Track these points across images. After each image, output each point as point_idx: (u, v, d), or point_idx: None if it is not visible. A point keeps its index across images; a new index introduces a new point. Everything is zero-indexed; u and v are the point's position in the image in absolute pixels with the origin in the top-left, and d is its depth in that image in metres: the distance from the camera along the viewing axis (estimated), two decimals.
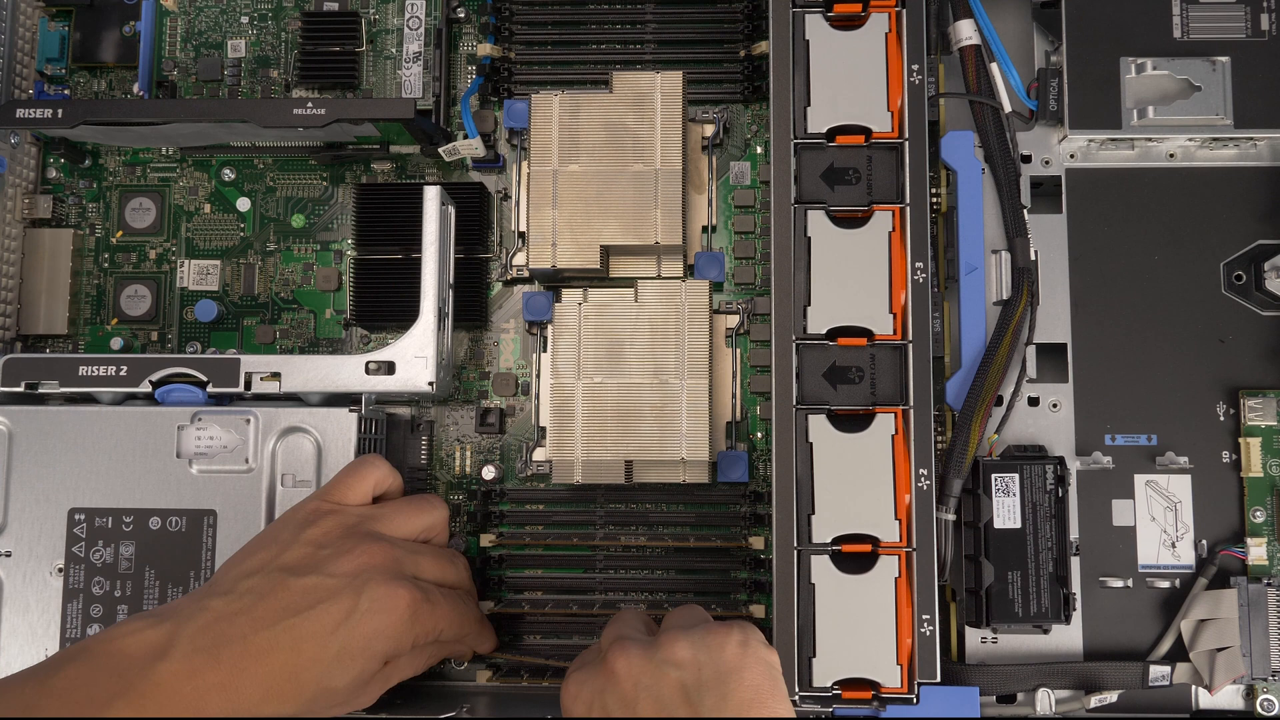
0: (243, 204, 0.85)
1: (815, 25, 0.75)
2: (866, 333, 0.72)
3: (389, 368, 0.75)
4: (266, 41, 0.86)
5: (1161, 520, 0.74)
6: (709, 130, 0.81)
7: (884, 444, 0.71)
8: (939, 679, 0.69)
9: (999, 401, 0.74)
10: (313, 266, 0.84)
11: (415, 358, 0.75)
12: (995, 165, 0.76)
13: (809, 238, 0.73)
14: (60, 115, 0.78)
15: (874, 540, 0.70)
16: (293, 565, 0.64)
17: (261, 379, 0.75)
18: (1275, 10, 0.75)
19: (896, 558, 0.70)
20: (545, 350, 0.79)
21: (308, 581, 0.63)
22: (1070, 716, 0.73)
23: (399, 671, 0.68)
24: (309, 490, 0.73)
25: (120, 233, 0.85)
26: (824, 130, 0.74)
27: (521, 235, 0.80)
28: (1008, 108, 0.76)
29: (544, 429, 0.79)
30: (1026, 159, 0.77)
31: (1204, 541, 0.74)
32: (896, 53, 0.74)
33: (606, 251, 0.78)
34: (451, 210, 0.78)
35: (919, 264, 0.72)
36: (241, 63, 0.86)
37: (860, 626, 0.69)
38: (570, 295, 0.79)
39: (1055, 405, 0.75)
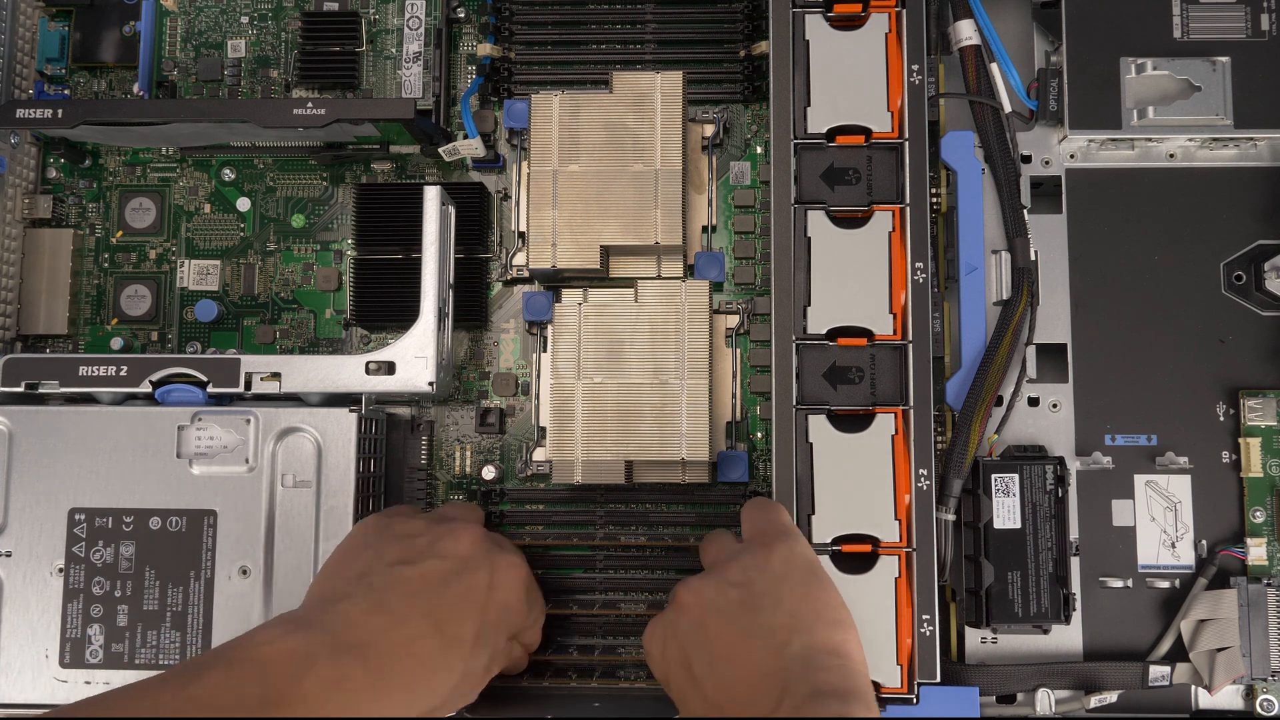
0: (243, 204, 0.85)
1: (815, 25, 0.75)
2: (866, 333, 0.72)
3: (389, 368, 0.75)
4: (266, 41, 0.86)
5: (1161, 520, 0.74)
6: (709, 130, 0.81)
7: (884, 444, 0.71)
8: (939, 679, 0.69)
9: (999, 401, 0.74)
10: (313, 266, 0.84)
11: (415, 358, 0.75)
12: (995, 165, 0.76)
13: (809, 238, 0.73)
14: (60, 115, 0.77)
15: (874, 540, 0.70)
16: (400, 558, 0.64)
17: (261, 379, 0.75)
18: (1275, 10, 0.75)
19: (896, 558, 0.70)
20: (545, 350, 0.79)
21: (426, 567, 0.63)
22: (1070, 716, 0.73)
23: (491, 669, 0.67)
24: (309, 490, 0.73)
25: (120, 233, 0.85)
26: (824, 130, 0.74)
27: (521, 235, 0.80)
28: (1008, 108, 0.76)
29: (544, 429, 0.79)
30: (1026, 159, 0.77)
31: (1204, 541, 0.74)
32: (896, 53, 0.74)
33: (606, 251, 0.78)
34: (451, 210, 0.78)
35: (919, 264, 0.72)
36: (241, 63, 0.86)
37: (860, 626, 0.69)
38: (570, 295, 0.79)
39: (1055, 405, 0.75)
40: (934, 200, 0.77)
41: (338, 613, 0.60)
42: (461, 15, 0.85)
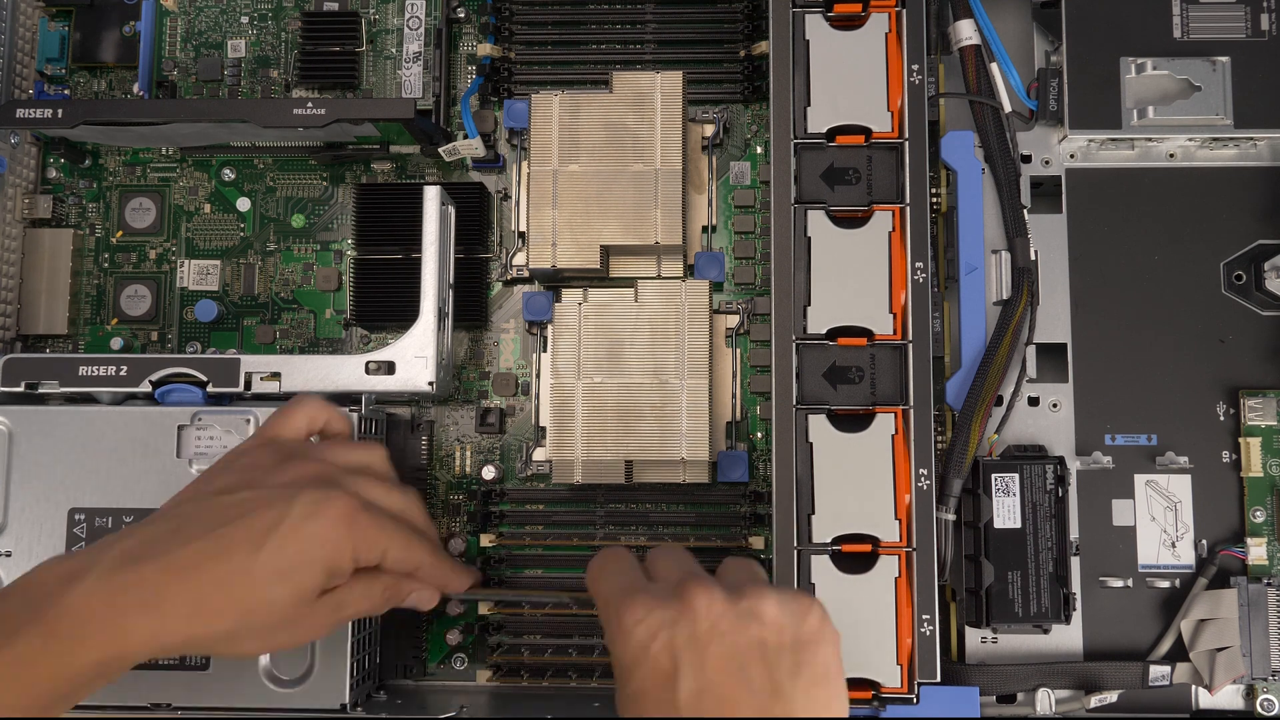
0: (243, 204, 0.85)
1: (815, 25, 0.75)
2: (866, 333, 0.72)
3: (389, 368, 0.75)
4: (266, 41, 0.86)
5: (1161, 520, 0.74)
6: (709, 130, 0.81)
7: (884, 444, 0.71)
8: (939, 679, 0.69)
9: (999, 401, 0.74)
10: (313, 266, 0.84)
11: (415, 358, 0.75)
12: (995, 165, 0.76)
13: (809, 238, 0.73)
14: (60, 115, 0.77)
15: (874, 540, 0.70)
16: (224, 487, 0.62)
17: (261, 379, 0.75)
18: (1275, 10, 0.75)
19: (896, 558, 0.70)
20: (545, 350, 0.79)
21: (239, 496, 0.61)
22: (1070, 716, 0.73)
23: (352, 600, 0.64)
24: None
25: (120, 233, 0.85)
26: (824, 130, 0.74)
27: (521, 235, 0.80)
28: (1008, 108, 0.76)
29: (544, 429, 0.79)
30: (1026, 159, 0.77)
31: (1204, 541, 0.74)
32: (896, 53, 0.74)
33: (606, 251, 0.78)
34: (451, 210, 0.78)
35: (919, 264, 0.72)
36: (241, 63, 0.86)
37: (860, 626, 0.69)
38: (570, 295, 0.79)
39: (1055, 405, 0.75)
40: (934, 200, 0.77)
41: (132, 533, 0.60)
42: (461, 15, 0.85)
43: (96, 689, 0.58)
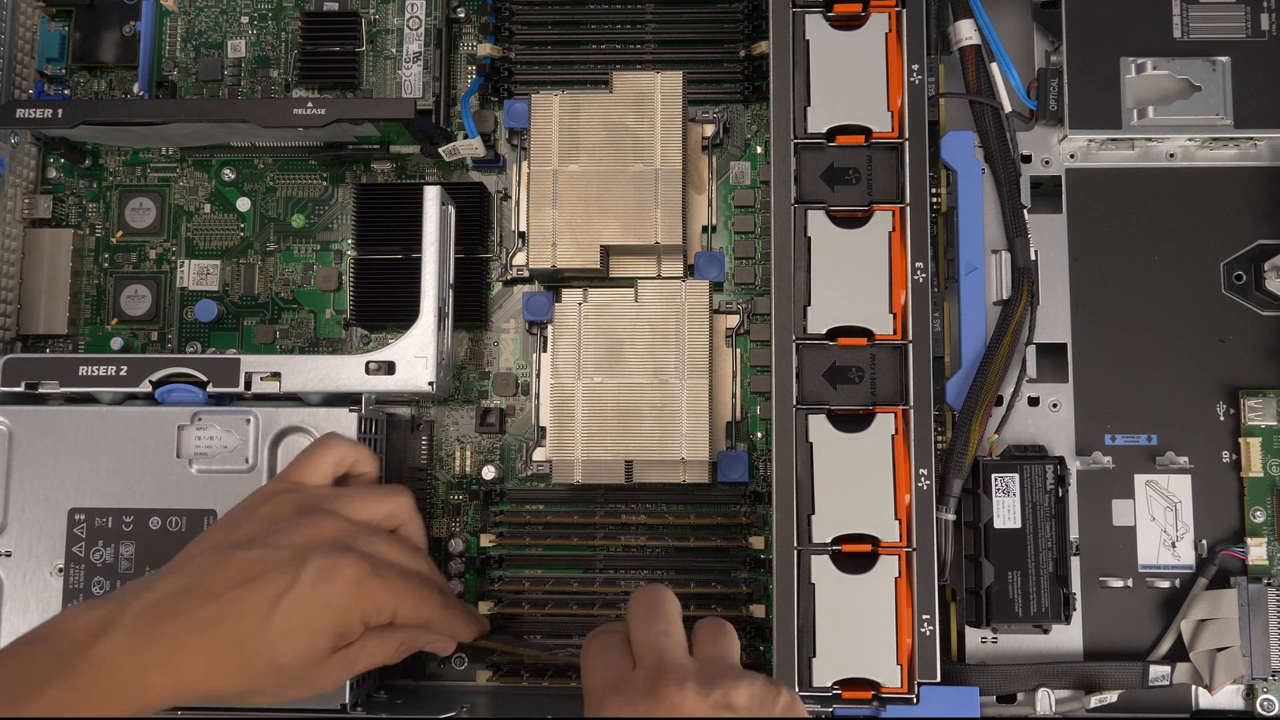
0: (243, 204, 0.85)
1: (815, 25, 0.75)
2: (866, 333, 0.72)
3: (389, 368, 0.75)
4: (266, 41, 0.86)
5: (1161, 520, 0.74)
6: (709, 130, 0.81)
7: (884, 444, 0.71)
8: (939, 679, 0.69)
9: (999, 401, 0.74)
10: (313, 266, 0.84)
11: (415, 358, 0.75)
12: (995, 165, 0.76)
13: (809, 238, 0.73)
14: (60, 115, 0.78)
15: (874, 540, 0.70)
16: (241, 540, 0.63)
17: (261, 379, 0.75)
18: (1275, 10, 0.75)
19: (896, 558, 0.70)
20: (545, 350, 0.79)
21: (253, 554, 0.62)
22: (1070, 716, 0.73)
23: (364, 656, 0.65)
24: None
25: (120, 233, 0.85)
26: (824, 130, 0.74)
27: (521, 235, 0.80)
28: (1008, 108, 0.76)
29: (544, 429, 0.79)
30: (1026, 159, 0.77)
31: (1204, 541, 0.74)
32: (896, 53, 0.74)
33: (606, 251, 0.78)
34: (451, 210, 0.78)
35: (919, 264, 0.72)
36: (241, 63, 0.86)
37: (860, 626, 0.69)
38: (570, 295, 0.79)
39: (1055, 405, 0.75)
40: (934, 200, 0.77)
41: (152, 587, 0.61)
42: (461, 15, 0.85)
43: None
